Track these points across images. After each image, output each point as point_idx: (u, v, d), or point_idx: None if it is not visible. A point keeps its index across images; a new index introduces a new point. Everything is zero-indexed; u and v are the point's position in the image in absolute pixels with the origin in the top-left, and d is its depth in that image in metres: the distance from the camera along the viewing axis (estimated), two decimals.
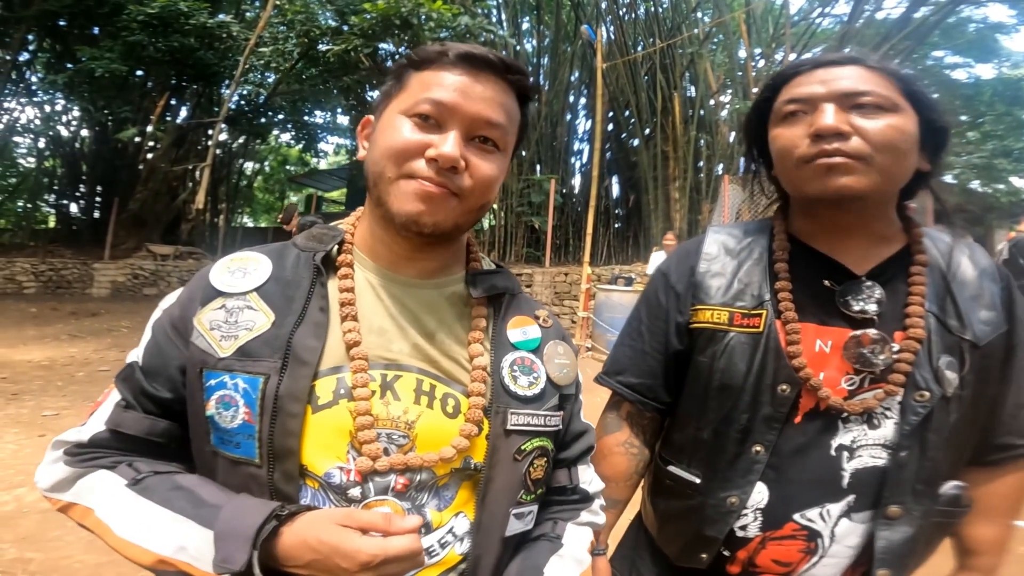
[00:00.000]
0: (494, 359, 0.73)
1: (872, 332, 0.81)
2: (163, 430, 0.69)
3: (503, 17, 14.09)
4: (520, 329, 0.77)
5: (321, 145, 19.28)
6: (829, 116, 0.78)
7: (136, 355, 0.72)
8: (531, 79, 0.73)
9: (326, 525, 0.57)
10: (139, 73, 12.42)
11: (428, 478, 0.67)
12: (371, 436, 0.64)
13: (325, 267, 0.72)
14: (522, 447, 0.71)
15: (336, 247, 0.75)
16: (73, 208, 15.54)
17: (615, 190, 14.39)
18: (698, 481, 0.90)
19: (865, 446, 0.81)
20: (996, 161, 13.09)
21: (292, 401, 0.63)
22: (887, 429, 0.81)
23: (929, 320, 0.81)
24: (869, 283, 0.83)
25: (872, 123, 0.78)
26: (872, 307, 0.82)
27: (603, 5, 13.15)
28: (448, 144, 0.65)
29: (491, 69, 0.69)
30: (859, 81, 0.79)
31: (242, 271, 0.72)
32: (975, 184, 13.53)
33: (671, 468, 0.94)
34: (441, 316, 0.74)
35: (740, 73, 12.27)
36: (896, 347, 0.81)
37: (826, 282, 0.85)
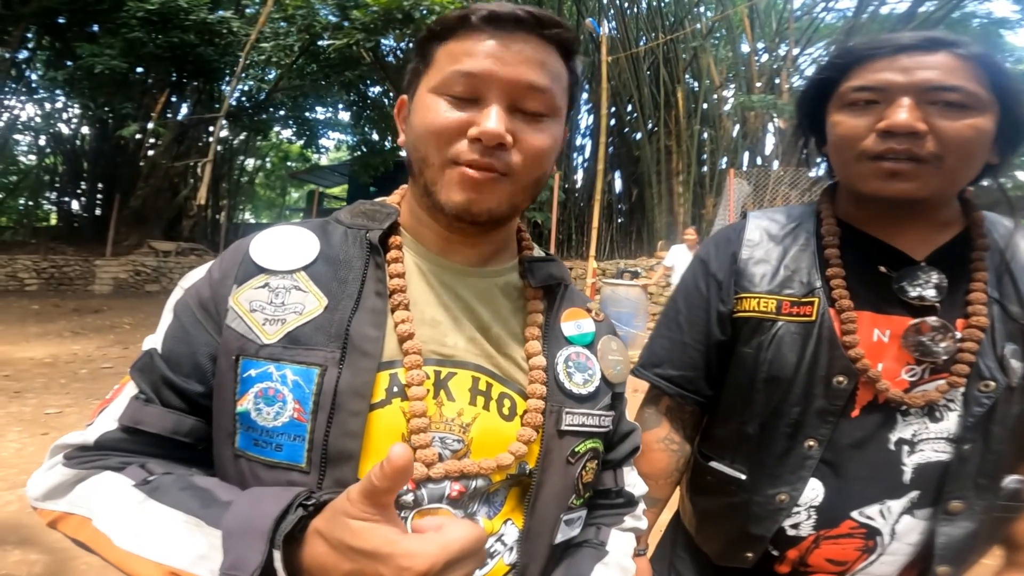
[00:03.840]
0: (548, 354, 0.67)
1: (933, 320, 0.76)
2: (190, 428, 0.59)
3: None
4: (574, 323, 0.70)
5: (322, 141, 19.28)
6: (904, 112, 0.71)
7: (154, 341, 0.62)
8: (570, 30, 0.64)
9: (345, 524, 0.43)
10: (139, 70, 12.32)
11: (483, 485, 0.61)
12: (426, 440, 0.57)
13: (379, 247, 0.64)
14: (575, 449, 0.65)
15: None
16: (74, 205, 15.49)
17: (618, 185, 14.34)
18: (743, 477, 0.86)
19: (927, 440, 0.78)
20: None
21: (354, 398, 0.55)
22: (950, 422, 0.77)
23: (992, 307, 0.77)
24: (928, 268, 0.79)
25: (952, 123, 0.71)
26: (931, 293, 0.78)
27: None
28: (491, 119, 0.57)
29: (522, 27, 0.59)
30: (946, 74, 0.71)
31: (286, 247, 0.63)
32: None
33: (713, 464, 0.90)
34: (496, 308, 0.67)
35: (743, 68, 12.22)
36: (959, 335, 0.77)
37: (881, 268, 0.80)
